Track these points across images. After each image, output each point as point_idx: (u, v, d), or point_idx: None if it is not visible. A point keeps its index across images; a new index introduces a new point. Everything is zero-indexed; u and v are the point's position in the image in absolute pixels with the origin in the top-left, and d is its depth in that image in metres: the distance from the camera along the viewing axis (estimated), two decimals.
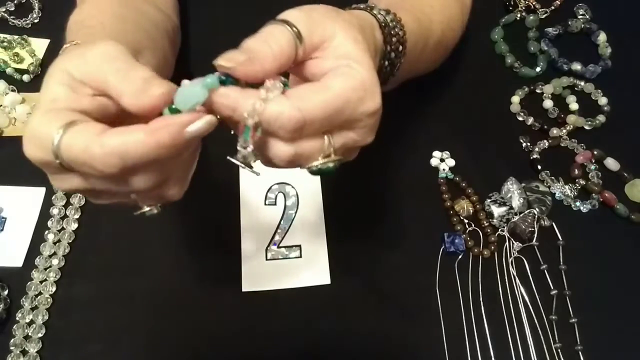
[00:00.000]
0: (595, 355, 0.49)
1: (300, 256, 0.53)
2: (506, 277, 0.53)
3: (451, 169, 0.59)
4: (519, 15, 0.71)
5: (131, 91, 0.30)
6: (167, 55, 0.53)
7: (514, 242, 0.54)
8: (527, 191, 0.57)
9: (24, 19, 0.67)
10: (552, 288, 0.52)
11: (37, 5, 0.68)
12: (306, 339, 0.49)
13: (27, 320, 0.49)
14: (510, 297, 0.52)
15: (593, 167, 0.60)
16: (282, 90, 0.31)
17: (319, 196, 0.56)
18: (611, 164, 0.60)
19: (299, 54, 0.32)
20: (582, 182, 0.58)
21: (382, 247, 0.54)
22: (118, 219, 0.54)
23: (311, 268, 0.52)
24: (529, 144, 0.61)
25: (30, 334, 0.48)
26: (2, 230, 0.53)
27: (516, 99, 0.64)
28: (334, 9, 0.36)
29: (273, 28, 0.32)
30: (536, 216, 0.55)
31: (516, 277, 0.53)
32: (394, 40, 0.43)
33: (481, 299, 0.51)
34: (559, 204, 0.57)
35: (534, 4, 0.72)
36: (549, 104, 0.64)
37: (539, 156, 0.60)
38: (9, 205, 0.54)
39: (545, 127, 0.62)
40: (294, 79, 0.36)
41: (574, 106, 0.64)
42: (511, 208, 0.56)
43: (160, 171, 0.31)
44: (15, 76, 0.62)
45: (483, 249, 0.54)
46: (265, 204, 0.55)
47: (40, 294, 0.50)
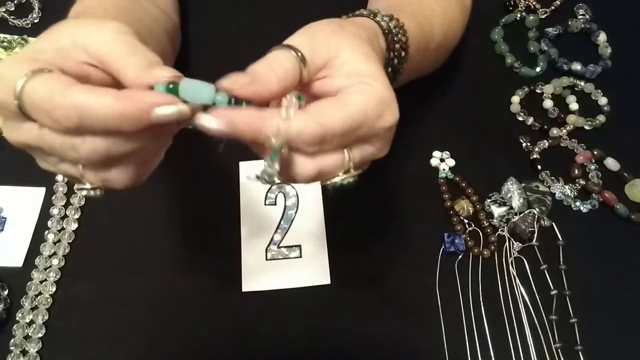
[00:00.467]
0: (595, 355, 0.50)
1: (300, 256, 0.53)
2: (506, 277, 0.53)
3: (451, 169, 0.59)
4: (519, 15, 0.71)
5: (136, 65, 0.30)
6: (166, 53, 0.53)
7: (514, 242, 0.54)
8: (527, 191, 0.57)
9: (24, 19, 0.67)
10: (552, 288, 0.52)
11: (37, 5, 0.68)
12: (306, 339, 0.49)
13: (27, 320, 0.49)
14: (510, 297, 0.52)
15: (593, 167, 0.60)
16: (298, 104, 0.31)
17: (319, 196, 0.56)
18: (611, 164, 0.60)
19: (303, 76, 0.33)
20: (582, 182, 0.58)
21: (382, 247, 0.54)
22: (118, 219, 0.54)
23: (311, 268, 0.52)
24: (529, 144, 0.61)
25: (30, 334, 0.48)
26: (2, 230, 0.53)
27: (516, 99, 0.64)
28: (339, 25, 0.36)
29: (278, 53, 0.32)
30: (536, 216, 0.55)
31: (516, 277, 0.53)
32: (397, 46, 0.43)
33: (481, 299, 0.51)
34: (559, 204, 0.57)
35: (534, 4, 0.72)
36: (549, 104, 0.64)
37: (539, 156, 0.60)
38: (9, 205, 0.54)
39: (545, 127, 0.62)
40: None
41: (574, 106, 0.64)
42: (511, 208, 0.56)
43: (112, 147, 0.30)
44: None
45: (483, 249, 0.54)
46: (265, 204, 0.55)
47: (40, 294, 0.50)
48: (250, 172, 0.31)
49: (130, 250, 0.53)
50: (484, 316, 0.50)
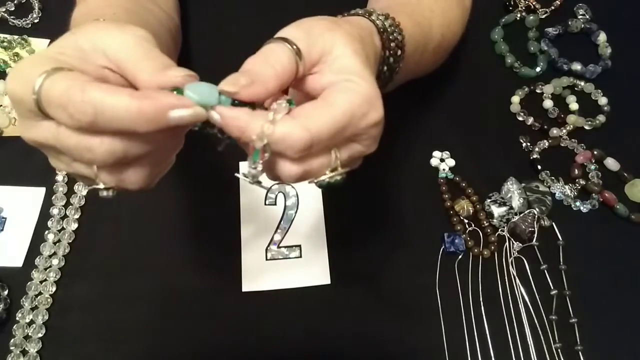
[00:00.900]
0: (595, 355, 0.50)
1: (300, 256, 0.53)
2: (506, 277, 0.53)
3: (451, 169, 0.59)
4: (519, 15, 0.71)
5: (151, 68, 0.31)
6: (170, 54, 0.53)
7: (514, 242, 0.54)
8: (527, 191, 0.57)
9: (24, 19, 0.67)
10: (552, 288, 0.52)
11: (37, 5, 0.68)
12: (306, 339, 0.49)
13: (27, 320, 0.49)
14: (510, 297, 0.52)
15: (593, 167, 0.60)
16: (288, 109, 0.31)
17: (319, 196, 0.56)
18: (611, 164, 0.60)
19: (299, 70, 0.33)
20: (582, 182, 0.58)
21: (382, 247, 0.54)
22: (118, 219, 0.54)
23: (311, 268, 0.52)
24: (529, 144, 0.61)
25: (30, 334, 0.48)
26: (2, 230, 0.53)
27: (516, 99, 0.64)
28: (333, 21, 0.36)
29: (274, 47, 0.32)
30: (536, 216, 0.55)
31: (516, 277, 0.53)
32: (393, 45, 0.43)
33: (481, 299, 0.51)
34: (559, 204, 0.57)
35: (534, 4, 0.72)
36: (549, 104, 0.64)
37: (539, 156, 0.60)
38: (9, 205, 0.54)
39: (545, 127, 0.62)
40: (293, 92, 0.36)
41: (574, 106, 0.64)
42: (511, 208, 0.56)
43: (128, 149, 0.30)
44: None
45: (483, 249, 0.54)
46: (265, 204, 0.55)
47: (40, 294, 0.50)
48: (243, 171, 0.32)
49: (130, 250, 0.53)
50: (484, 316, 0.50)
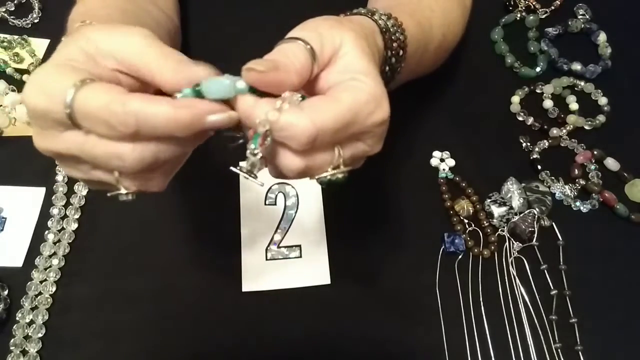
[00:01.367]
0: (595, 355, 0.50)
1: (300, 256, 0.53)
2: (506, 277, 0.53)
3: (451, 169, 0.59)
4: (519, 15, 0.71)
5: (171, 67, 0.31)
6: None
7: (514, 242, 0.54)
8: (527, 191, 0.57)
9: (24, 19, 0.67)
10: (552, 288, 0.52)
11: (37, 5, 0.68)
12: (306, 339, 0.49)
13: (27, 320, 0.49)
14: (510, 297, 0.52)
15: (593, 167, 0.60)
16: (298, 101, 0.31)
17: (319, 196, 0.56)
18: (611, 164, 0.60)
19: (314, 70, 0.33)
20: (582, 182, 0.58)
21: (382, 247, 0.54)
22: (118, 220, 0.54)
23: (311, 268, 0.52)
24: (529, 144, 0.61)
25: (30, 334, 0.48)
26: (2, 230, 0.53)
27: (516, 99, 0.64)
28: (338, 20, 0.36)
29: (290, 46, 0.32)
30: (536, 216, 0.55)
31: (516, 277, 0.53)
32: (395, 45, 0.43)
33: (481, 299, 0.51)
34: (559, 204, 0.57)
35: (534, 4, 0.72)
36: (549, 104, 0.64)
37: (539, 156, 0.60)
38: (9, 205, 0.54)
39: (545, 127, 0.62)
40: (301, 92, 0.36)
41: (574, 106, 0.64)
42: (511, 208, 0.56)
43: (161, 153, 0.31)
44: (15, 76, 0.62)
45: (483, 249, 0.54)
46: (265, 204, 0.55)
47: (40, 294, 0.50)
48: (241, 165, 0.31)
49: (130, 250, 0.53)
50: (484, 316, 0.50)
